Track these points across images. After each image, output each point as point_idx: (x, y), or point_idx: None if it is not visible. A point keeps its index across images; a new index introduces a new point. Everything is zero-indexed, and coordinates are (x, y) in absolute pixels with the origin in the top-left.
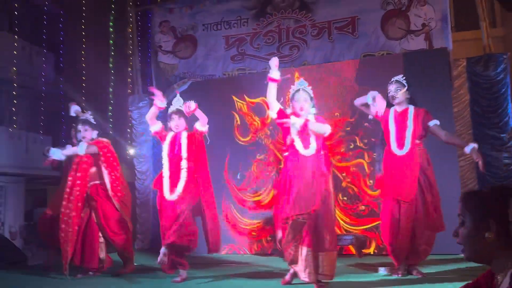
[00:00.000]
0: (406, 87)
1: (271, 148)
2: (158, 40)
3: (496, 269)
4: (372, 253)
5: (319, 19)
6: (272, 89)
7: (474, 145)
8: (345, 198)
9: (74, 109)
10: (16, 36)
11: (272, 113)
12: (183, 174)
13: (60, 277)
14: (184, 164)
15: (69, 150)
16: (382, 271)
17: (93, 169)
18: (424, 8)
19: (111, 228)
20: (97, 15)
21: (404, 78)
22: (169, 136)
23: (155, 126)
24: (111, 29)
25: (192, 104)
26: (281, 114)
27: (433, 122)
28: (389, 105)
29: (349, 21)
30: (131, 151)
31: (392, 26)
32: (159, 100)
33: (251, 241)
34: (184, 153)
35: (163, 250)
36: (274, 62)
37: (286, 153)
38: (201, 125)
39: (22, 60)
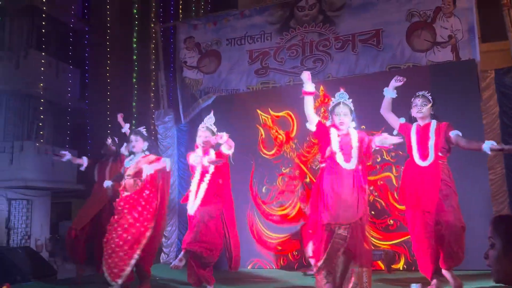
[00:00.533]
0: (431, 103)
1: (296, 161)
2: (183, 56)
3: None
4: (401, 268)
5: (343, 32)
6: (309, 102)
7: (490, 143)
8: (372, 212)
9: (126, 127)
10: (43, 53)
11: (311, 126)
12: (203, 187)
13: None
14: (207, 178)
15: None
16: (414, 287)
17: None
18: (450, 19)
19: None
20: (121, 32)
21: (429, 94)
22: (197, 156)
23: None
24: (135, 45)
25: (224, 136)
26: (320, 126)
27: (454, 132)
28: (410, 120)
29: (373, 33)
30: None
31: (417, 38)
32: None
33: (277, 255)
34: (211, 169)
35: (180, 255)
36: (305, 75)
37: (323, 165)
38: (228, 148)
39: (49, 76)
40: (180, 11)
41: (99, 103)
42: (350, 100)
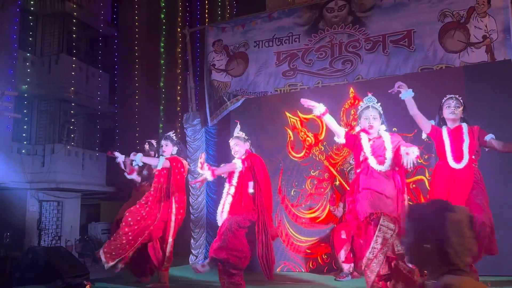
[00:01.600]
0: (463, 106)
1: (325, 164)
2: (211, 59)
3: (431, 275)
4: None
5: (373, 32)
6: (329, 121)
7: None
8: None
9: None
10: (73, 58)
11: (340, 139)
12: (228, 199)
13: None
14: (231, 190)
15: (149, 159)
16: None
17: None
18: (484, 19)
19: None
20: (149, 37)
21: (460, 97)
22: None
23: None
24: (162, 50)
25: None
26: (349, 137)
27: (490, 136)
28: (438, 122)
29: (404, 34)
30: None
31: (450, 38)
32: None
33: (306, 258)
34: (234, 181)
35: (204, 261)
36: (305, 103)
37: (359, 170)
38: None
39: (79, 80)
40: (206, 15)
41: (128, 107)
42: (379, 104)
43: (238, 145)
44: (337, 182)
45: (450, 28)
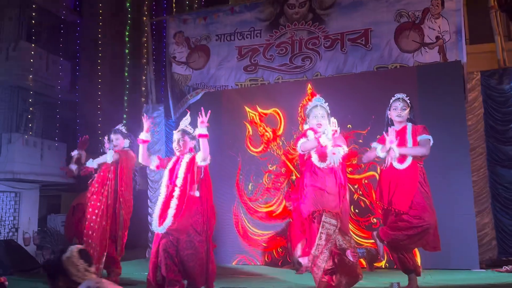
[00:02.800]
0: (410, 107)
1: (282, 159)
2: (172, 51)
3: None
4: (383, 266)
5: (332, 30)
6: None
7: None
8: (356, 210)
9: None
10: (33, 45)
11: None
12: (173, 203)
13: None
14: (176, 192)
15: (100, 158)
16: (395, 285)
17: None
18: (438, 21)
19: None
20: (114, 25)
21: (408, 97)
22: (171, 162)
23: (153, 163)
24: (127, 39)
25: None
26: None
27: (422, 137)
28: (386, 121)
29: (362, 33)
30: None
31: (405, 38)
32: (144, 133)
33: (262, 252)
34: (179, 181)
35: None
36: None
37: (303, 168)
38: (202, 159)
39: (39, 68)
40: (174, 5)
41: (90, 97)
42: (327, 104)
43: (185, 141)
44: (294, 177)
45: (406, 28)
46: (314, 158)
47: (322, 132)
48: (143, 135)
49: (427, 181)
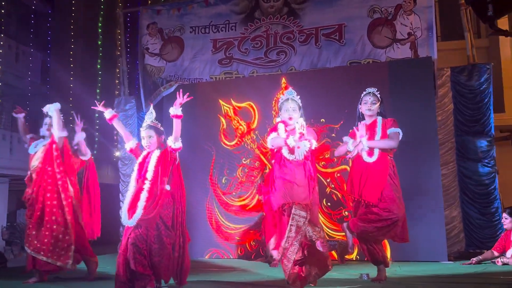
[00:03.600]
0: (380, 101)
1: (256, 152)
2: (145, 42)
3: None
4: (354, 259)
5: (307, 25)
6: (277, 141)
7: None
8: (329, 204)
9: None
10: (2, 35)
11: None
12: (143, 196)
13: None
14: (146, 185)
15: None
16: (364, 276)
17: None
18: (410, 17)
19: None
20: (86, 16)
21: (378, 91)
22: (141, 156)
23: (130, 143)
24: (100, 30)
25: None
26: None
27: (391, 130)
28: (358, 115)
29: (336, 28)
30: (117, 153)
31: (378, 34)
32: (106, 112)
33: (235, 245)
34: (149, 174)
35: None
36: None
37: (273, 160)
38: (174, 139)
39: (8, 59)
40: None
41: (61, 89)
42: (298, 96)
43: (153, 137)
44: (267, 171)
45: (378, 24)
46: (284, 150)
47: (293, 125)
48: (107, 114)
49: (396, 174)
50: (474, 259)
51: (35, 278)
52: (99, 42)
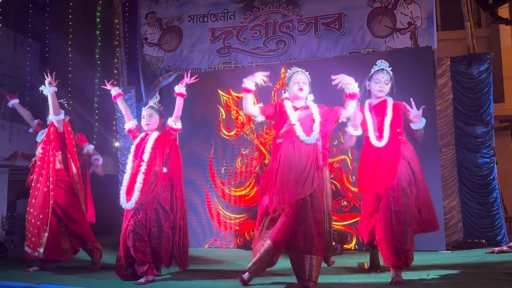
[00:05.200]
0: (392, 80)
1: (255, 143)
2: (144, 32)
3: None
4: (353, 248)
5: (306, 14)
6: (248, 100)
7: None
8: None
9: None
10: (0, 25)
11: (259, 117)
12: (140, 178)
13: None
14: (143, 167)
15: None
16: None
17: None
18: (410, 6)
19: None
20: (85, 5)
21: (390, 68)
22: (139, 137)
23: (129, 124)
24: (98, 20)
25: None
26: (266, 109)
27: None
28: (364, 92)
29: (336, 17)
30: (116, 144)
31: (378, 23)
32: (113, 89)
33: (234, 235)
34: (146, 156)
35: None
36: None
37: (280, 140)
38: (175, 117)
39: (6, 49)
40: None
41: (60, 79)
42: (308, 73)
43: (154, 117)
44: (267, 161)
45: (378, 13)
46: (299, 130)
47: (302, 99)
48: (113, 91)
49: (415, 153)
50: (497, 248)
51: (36, 267)
52: (98, 32)
